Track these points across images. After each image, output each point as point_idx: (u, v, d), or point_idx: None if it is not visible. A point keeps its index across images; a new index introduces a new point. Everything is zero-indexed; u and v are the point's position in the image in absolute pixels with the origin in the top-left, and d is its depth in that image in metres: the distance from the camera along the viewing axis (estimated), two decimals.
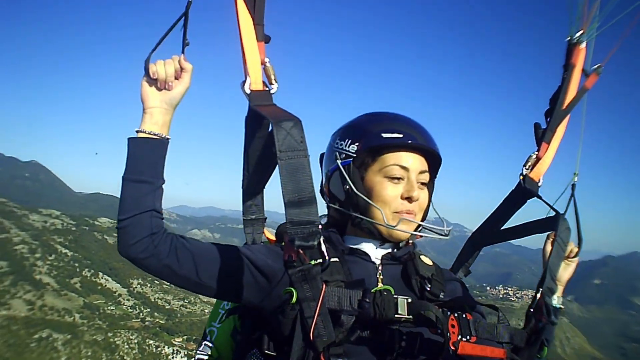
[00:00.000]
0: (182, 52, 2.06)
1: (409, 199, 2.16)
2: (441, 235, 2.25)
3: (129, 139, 2.00)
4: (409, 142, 2.16)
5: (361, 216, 2.16)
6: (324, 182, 2.38)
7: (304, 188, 1.73)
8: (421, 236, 2.22)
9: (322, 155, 2.46)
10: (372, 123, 2.25)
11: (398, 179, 2.16)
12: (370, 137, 2.17)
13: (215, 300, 2.52)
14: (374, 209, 2.14)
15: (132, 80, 2.14)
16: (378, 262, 2.22)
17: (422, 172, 2.21)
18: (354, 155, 2.19)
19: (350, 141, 2.21)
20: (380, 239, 2.23)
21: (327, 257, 1.82)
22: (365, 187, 2.18)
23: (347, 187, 2.17)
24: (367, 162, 2.19)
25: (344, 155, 2.22)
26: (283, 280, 1.97)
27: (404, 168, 2.16)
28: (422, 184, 2.22)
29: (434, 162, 2.28)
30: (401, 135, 2.15)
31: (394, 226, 2.11)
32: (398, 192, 2.16)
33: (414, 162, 2.18)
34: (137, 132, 2.01)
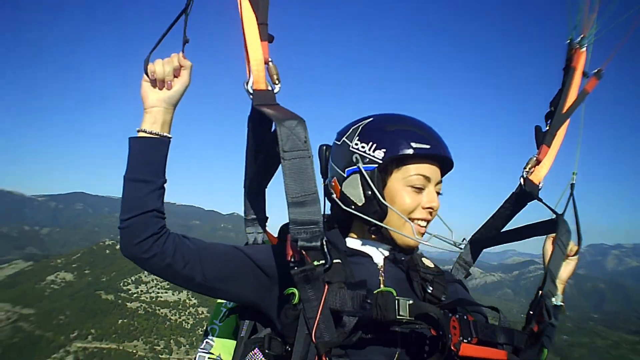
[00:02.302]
0: (182, 50, 2.02)
1: (430, 209, 2.14)
2: (455, 248, 2.23)
3: (129, 138, 1.95)
4: (435, 153, 2.13)
5: (381, 224, 2.12)
6: (330, 180, 2.30)
7: (307, 188, 1.72)
8: (434, 246, 2.21)
9: (322, 147, 2.41)
10: (397, 129, 2.16)
11: (420, 188, 2.12)
12: (399, 146, 2.09)
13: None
14: (392, 217, 2.12)
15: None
16: (380, 264, 2.19)
17: (439, 182, 2.20)
18: (380, 161, 2.11)
19: (375, 146, 2.12)
20: (393, 245, 2.20)
21: (329, 259, 1.80)
22: (386, 194, 2.13)
23: (370, 193, 2.11)
24: (390, 170, 2.13)
25: (367, 159, 2.13)
26: (285, 280, 1.91)
27: (427, 178, 2.12)
28: (439, 193, 2.21)
29: (444, 171, 2.25)
30: (429, 146, 2.10)
31: (425, 241, 2.14)
32: (419, 201, 2.12)
33: (435, 172, 2.16)
34: (138, 131, 1.96)
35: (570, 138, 2.49)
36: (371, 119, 2.25)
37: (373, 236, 2.22)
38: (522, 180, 2.44)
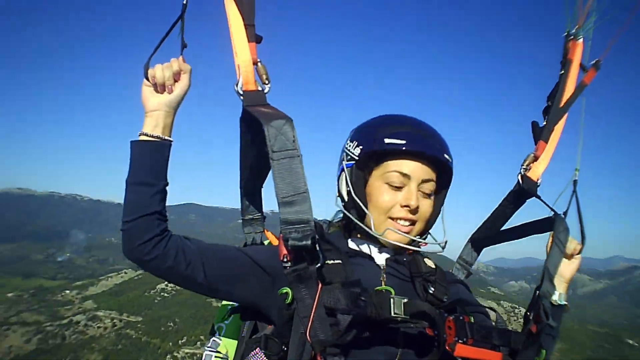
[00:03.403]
0: (181, 54, 2.04)
1: (407, 207, 2.07)
2: (436, 250, 2.16)
3: (131, 142, 1.95)
4: (409, 149, 2.07)
5: (356, 220, 2.12)
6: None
7: (297, 187, 1.73)
8: (411, 250, 2.14)
9: None
10: (379, 126, 2.16)
11: (398, 186, 2.08)
12: (373, 142, 2.10)
13: None
14: (372, 215, 2.09)
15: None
16: (382, 265, 2.16)
17: (425, 181, 2.11)
18: (357, 158, 2.12)
19: (356, 143, 2.15)
20: (378, 243, 2.17)
21: (321, 257, 1.81)
22: (367, 191, 2.12)
23: (349, 189, 2.13)
24: (370, 166, 2.12)
25: (349, 157, 2.16)
26: (284, 280, 1.91)
27: (405, 175, 2.07)
28: (426, 193, 2.13)
29: (444, 171, 2.18)
30: (403, 142, 2.05)
31: (379, 234, 2.06)
32: (396, 199, 2.08)
33: (417, 170, 2.09)
34: (140, 135, 1.96)
35: (569, 133, 2.41)
36: (370, 119, 2.26)
37: (359, 235, 2.21)
38: (520, 177, 2.36)
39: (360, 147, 2.11)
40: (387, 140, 2.05)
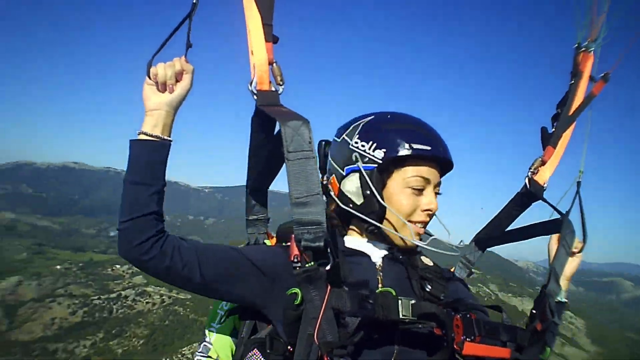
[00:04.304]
0: (185, 54, 1.99)
1: (428, 211, 2.08)
2: (453, 252, 2.14)
3: (130, 140, 1.91)
4: (438, 155, 2.06)
5: (379, 224, 2.06)
6: (329, 177, 2.25)
7: (311, 189, 1.73)
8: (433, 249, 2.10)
9: (322, 143, 2.36)
10: (397, 128, 2.10)
11: (419, 190, 2.06)
12: (399, 146, 2.02)
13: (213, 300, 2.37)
14: (390, 218, 2.07)
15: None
16: (379, 263, 2.14)
17: (439, 184, 2.13)
18: (380, 162, 2.03)
19: (375, 145, 2.05)
20: (391, 245, 2.15)
21: (332, 259, 1.80)
22: (385, 194, 2.07)
23: (369, 192, 2.05)
24: (390, 170, 2.07)
25: (367, 159, 2.06)
26: (287, 280, 1.91)
27: (426, 180, 2.06)
28: (437, 194, 2.14)
29: (444, 172, 2.19)
30: (429, 148, 2.03)
31: (424, 243, 2.04)
32: (417, 203, 2.06)
33: (434, 174, 2.09)
34: (139, 134, 1.92)
35: (577, 141, 2.43)
36: (372, 116, 2.19)
37: (371, 236, 2.17)
38: (527, 180, 2.37)
39: (383, 150, 2.03)
40: (415, 146, 2.02)
